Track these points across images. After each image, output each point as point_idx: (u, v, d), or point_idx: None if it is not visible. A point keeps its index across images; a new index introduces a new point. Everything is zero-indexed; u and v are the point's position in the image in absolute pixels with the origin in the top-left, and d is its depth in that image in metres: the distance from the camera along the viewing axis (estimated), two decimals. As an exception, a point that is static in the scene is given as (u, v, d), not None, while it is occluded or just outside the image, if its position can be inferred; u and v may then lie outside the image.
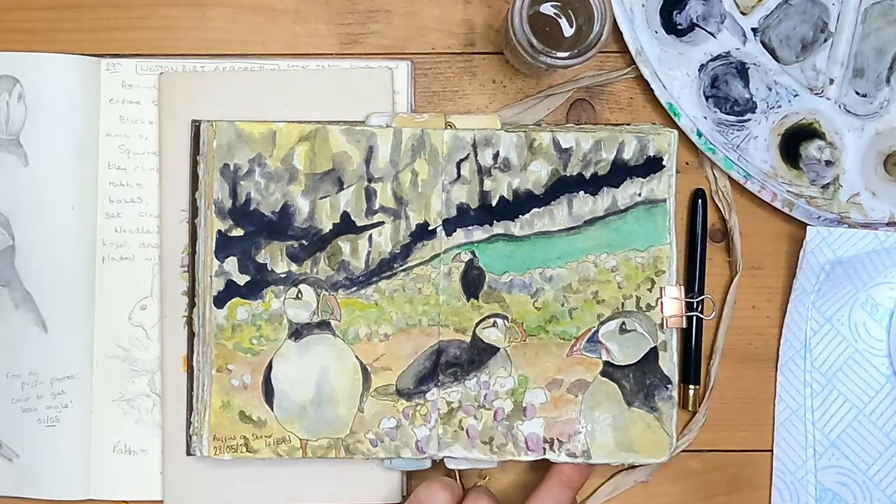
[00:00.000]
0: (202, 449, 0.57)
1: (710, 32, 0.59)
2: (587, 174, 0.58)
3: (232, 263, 0.57)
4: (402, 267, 0.57)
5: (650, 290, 0.58)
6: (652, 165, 0.58)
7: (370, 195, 0.57)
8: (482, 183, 0.57)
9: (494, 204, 0.57)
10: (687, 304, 0.58)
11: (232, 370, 0.57)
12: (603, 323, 0.57)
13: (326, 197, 0.57)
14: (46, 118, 0.58)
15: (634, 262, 0.58)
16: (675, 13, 0.60)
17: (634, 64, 0.59)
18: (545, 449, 0.57)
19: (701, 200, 0.60)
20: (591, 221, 0.58)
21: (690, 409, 0.60)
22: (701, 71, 0.59)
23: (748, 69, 0.59)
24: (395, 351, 0.57)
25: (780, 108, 0.60)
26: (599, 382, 0.57)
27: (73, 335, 0.59)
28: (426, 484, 0.54)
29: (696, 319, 0.60)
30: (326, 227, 0.57)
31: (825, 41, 0.60)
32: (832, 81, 0.60)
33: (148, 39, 0.60)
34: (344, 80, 0.59)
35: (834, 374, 0.60)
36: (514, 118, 0.60)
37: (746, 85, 0.60)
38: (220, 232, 0.57)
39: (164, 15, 0.60)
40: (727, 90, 0.60)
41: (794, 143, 0.60)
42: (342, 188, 0.57)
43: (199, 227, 0.57)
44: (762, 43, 0.60)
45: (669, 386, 0.57)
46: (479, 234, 0.57)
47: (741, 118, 0.59)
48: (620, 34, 0.59)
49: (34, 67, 0.58)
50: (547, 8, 0.57)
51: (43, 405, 0.59)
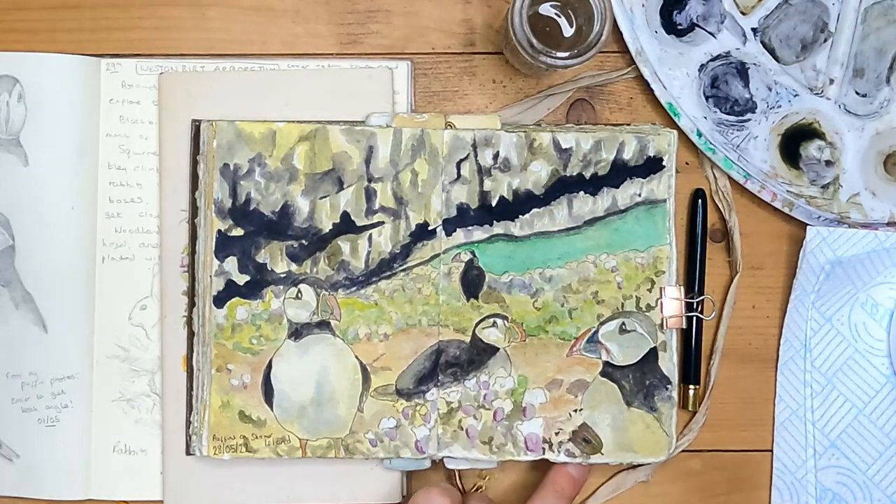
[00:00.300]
0: (202, 449, 0.57)
1: (710, 32, 0.59)
2: (587, 174, 0.58)
3: (232, 263, 0.57)
4: (401, 267, 0.57)
5: (650, 290, 0.58)
6: (652, 165, 0.58)
7: (370, 195, 0.57)
8: (482, 183, 0.57)
9: (494, 204, 0.57)
10: (687, 304, 0.58)
11: (232, 370, 0.57)
12: (603, 323, 0.57)
13: (326, 197, 0.57)
14: (46, 118, 0.58)
15: (634, 262, 0.58)
16: (675, 13, 0.60)
17: (634, 64, 0.59)
18: (545, 449, 0.57)
19: (701, 200, 0.60)
20: (591, 222, 0.58)
21: (690, 409, 0.60)
22: (701, 71, 0.59)
23: (748, 69, 0.59)
24: (394, 351, 0.57)
25: (780, 108, 0.59)
26: (599, 383, 0.57)
27: (73, 335, 0.59)
28: (425, 490, 0.54)
29: (696, 319, 0.60)
30: (326, 226, 0.57)
31: (825, 41, 0.60)
32: (832, 81, 0.60)
33: (148, 39, 0.60)
34: (344, 80, 0.59)
35: (834, 374, 0.60)
36: (514, 118, 0.60)
37: (746, 85, 0.59)
38: (219, 232, 0.57)
39: (164, 15, 0.60)
40: (727, 90, 0.60)
41: (794, 143, 0.60)
42: (342, 188, 0.57)
43: (199, 226, 0.57)
44: (762, 43, 0.60)
45: (669, 386, 0.57)
46: (478, 234, 0.57)
47: (741, 118, 0.59)
48: (620, 34, 0.59)
49: (34, 67, 0.58)
50: (547, 8, 0.57)
51: (43, 405, 0.59)
